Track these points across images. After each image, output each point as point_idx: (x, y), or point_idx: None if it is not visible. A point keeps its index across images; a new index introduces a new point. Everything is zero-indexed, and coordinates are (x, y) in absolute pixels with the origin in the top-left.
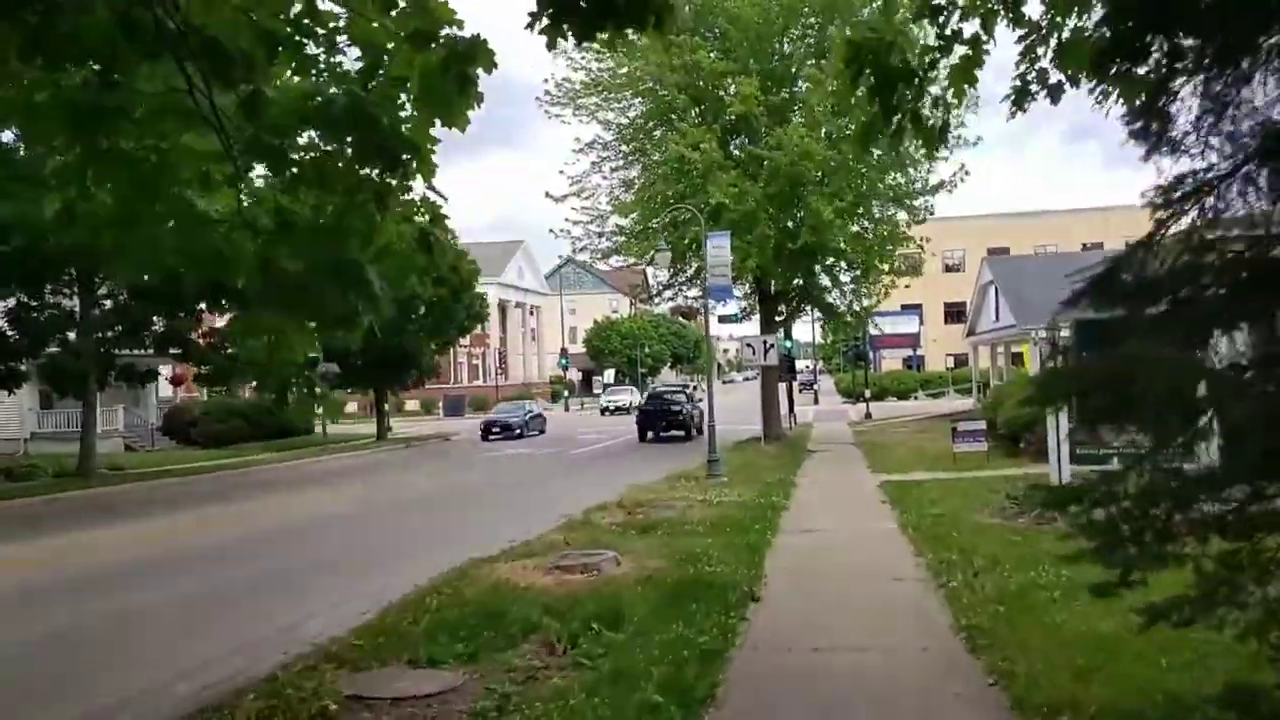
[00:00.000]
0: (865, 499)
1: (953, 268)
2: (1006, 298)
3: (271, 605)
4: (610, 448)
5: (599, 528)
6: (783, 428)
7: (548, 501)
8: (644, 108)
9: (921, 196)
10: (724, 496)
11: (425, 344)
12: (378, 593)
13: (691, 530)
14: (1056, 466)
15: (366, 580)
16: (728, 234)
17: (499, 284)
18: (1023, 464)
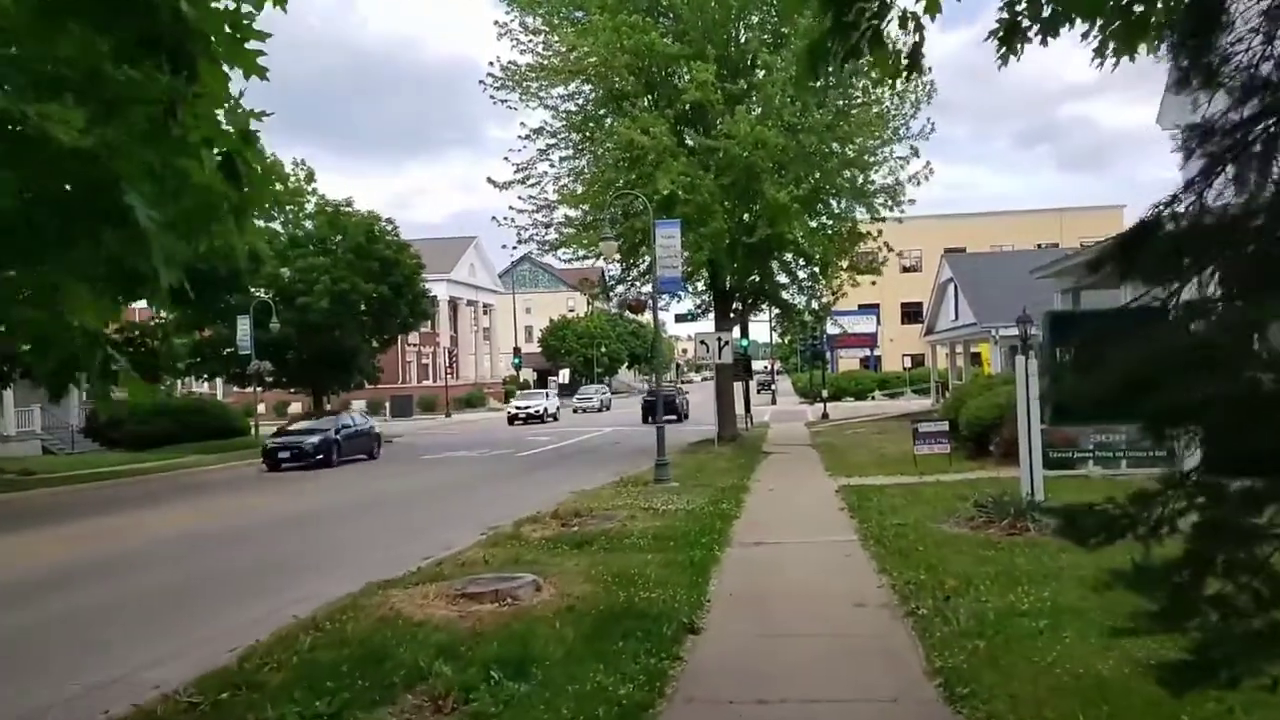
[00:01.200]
0: (823, 506)
1: (909, 268)
2: (966, 296)
3: (127, 640)
4: (562, 450)
5: (527, 542)
6: (738, 428)
7: (480, 509)
8: (594, 93)
9: (883, 194)
10: (671, 504)
11: (366, 342)
12: (252, 625)
13: (631, 545)
14: (1029, 472)
15: (246, 607)
16: (678, 223)
17: (449, 281)
18: (986, 467)
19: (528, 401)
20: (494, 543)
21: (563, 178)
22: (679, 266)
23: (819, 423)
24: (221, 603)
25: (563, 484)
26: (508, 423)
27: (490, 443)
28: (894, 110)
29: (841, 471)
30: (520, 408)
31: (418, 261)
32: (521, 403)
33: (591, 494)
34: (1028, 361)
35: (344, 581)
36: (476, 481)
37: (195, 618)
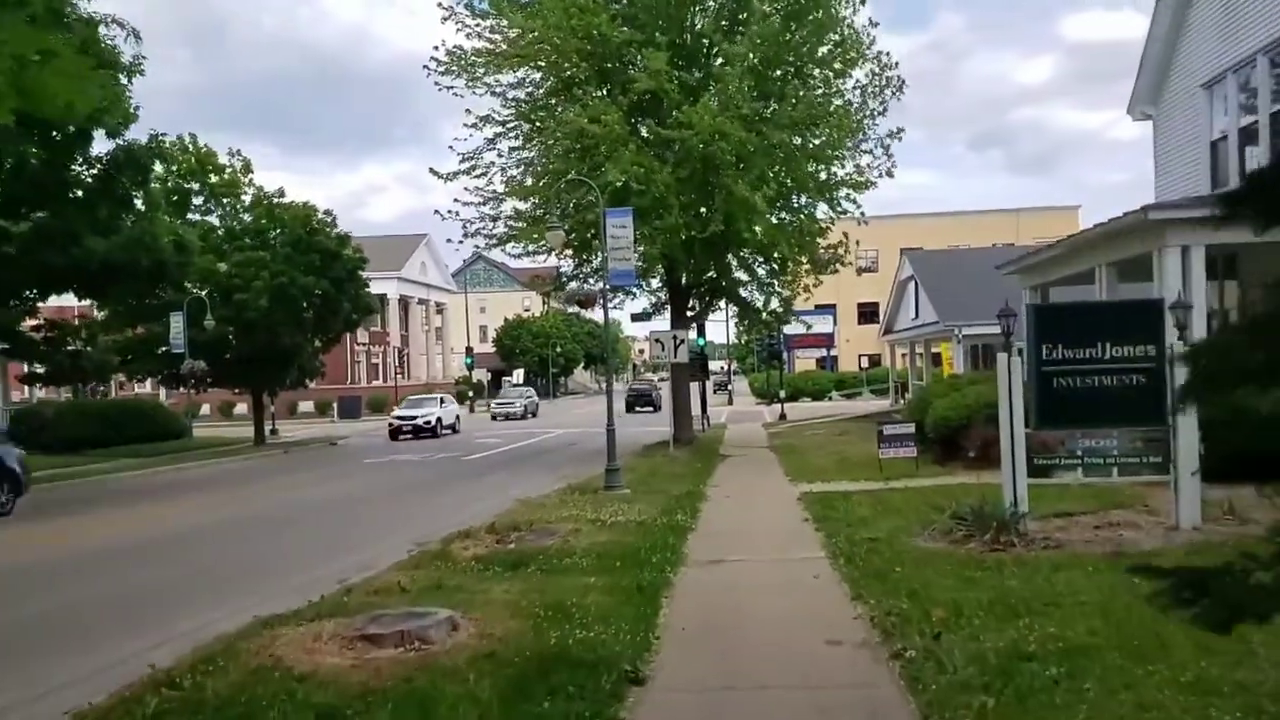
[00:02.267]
0: (785, 517)
1: (865, 269)
2: (928, 294)
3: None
4: (514, 452)
5: (455, 563)
6: (694, 431)
7: (415, 520)
8: (544, 81)
9: (846, 189)
10: (621, 515)
11: (308, 340)
12: (99, 674)
13: (572, 565)
14: (1011, 480)
15: (107, 648)
16: (629, 212)
17: (400, 279)
18: (955, 471)
19: (413, 411)
20: (417, 564)
21: (511, 169)
22: (632, 259)
23: (777, 424)
24: (82, 640)
25: (508, 490)
26: (389, 437)
27: (438, 445)
28: (858, 105)
29: (803, 476)
30: (403, 419)
31: (360, 255)
32: (406, 412)
33: (536, 503)
34: (1010, 359)
35: (240, 610)
36: (417, 488)
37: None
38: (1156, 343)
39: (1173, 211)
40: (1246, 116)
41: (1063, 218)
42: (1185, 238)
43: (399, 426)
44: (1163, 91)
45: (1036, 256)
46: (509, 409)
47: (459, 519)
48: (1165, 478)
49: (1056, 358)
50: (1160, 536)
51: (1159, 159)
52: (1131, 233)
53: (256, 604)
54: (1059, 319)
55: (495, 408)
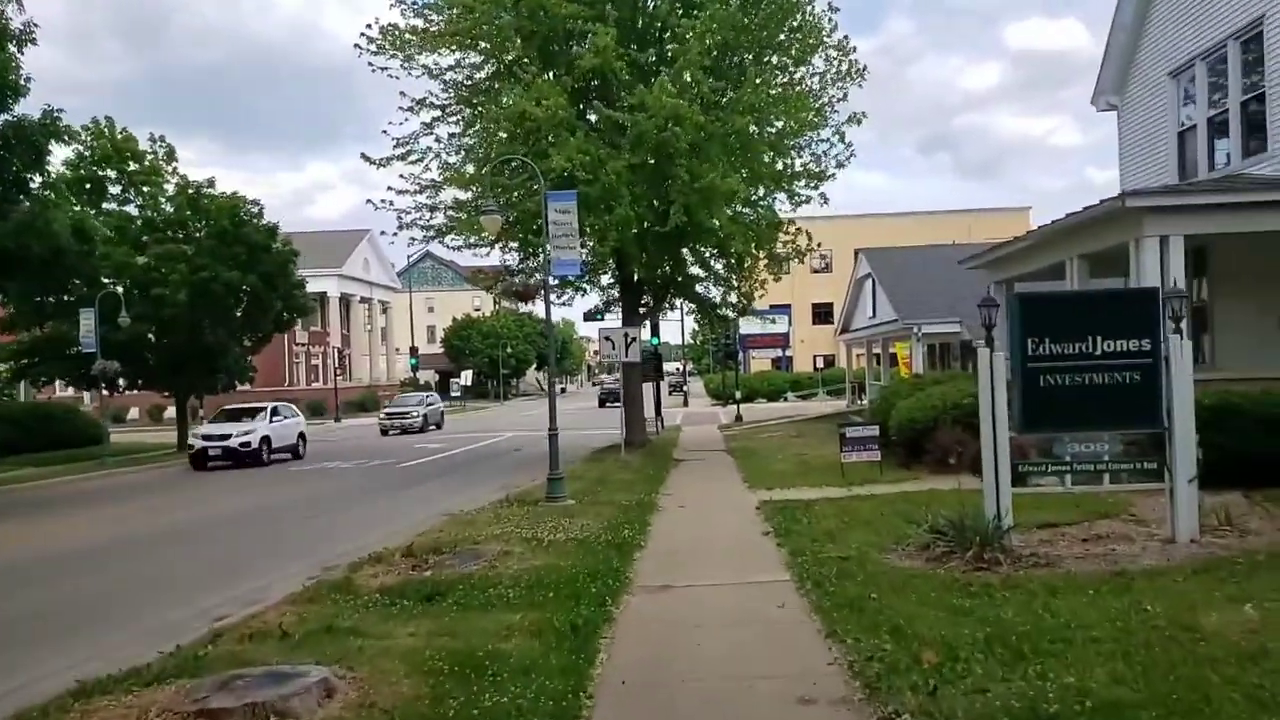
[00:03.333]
0: (744, 529)
1: (820, 269)
2: (886, 291)
3: None
4: (453, 459)
5: (358, 595)
6: (647, 433)
7: (329, 537)
8: (484, 62)
9: (804, 178)
10: (561, 531)
11: (236, 340)
12: None
13: (497, 597)
14: (994, 488)
15: None
16: (573, 196)
17: (340, 276)
18: (921, 476)
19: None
20: (312, 596)
21: (450, 155)
22: (577, 247)
23: (733, 425)
24: None
25: (440, 501)
26: (192, 465)
27: (373, 451)
28: (817, 92)
29: (761, 482)
30: (210, 438)
31: (291, 249)
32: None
33: (466, 518)
34: (993, 356)
35: (74, 664)
36: (341, 499)
37: None
38: (1151, 336)
39: (1152, 199)
40: (1216, 105)
41: (1014, 219)
42: (1164, 227)
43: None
44: (1128, 81)
45: (1004, 249)
46: (403, 420)
47: (377, 536)
48: (1161, 485)
49: (1043, 353)
50: (1158, 551)
51: (1124, 150)
52: (1107, 222)
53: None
54: (1046, 310)
55: (383, 419)
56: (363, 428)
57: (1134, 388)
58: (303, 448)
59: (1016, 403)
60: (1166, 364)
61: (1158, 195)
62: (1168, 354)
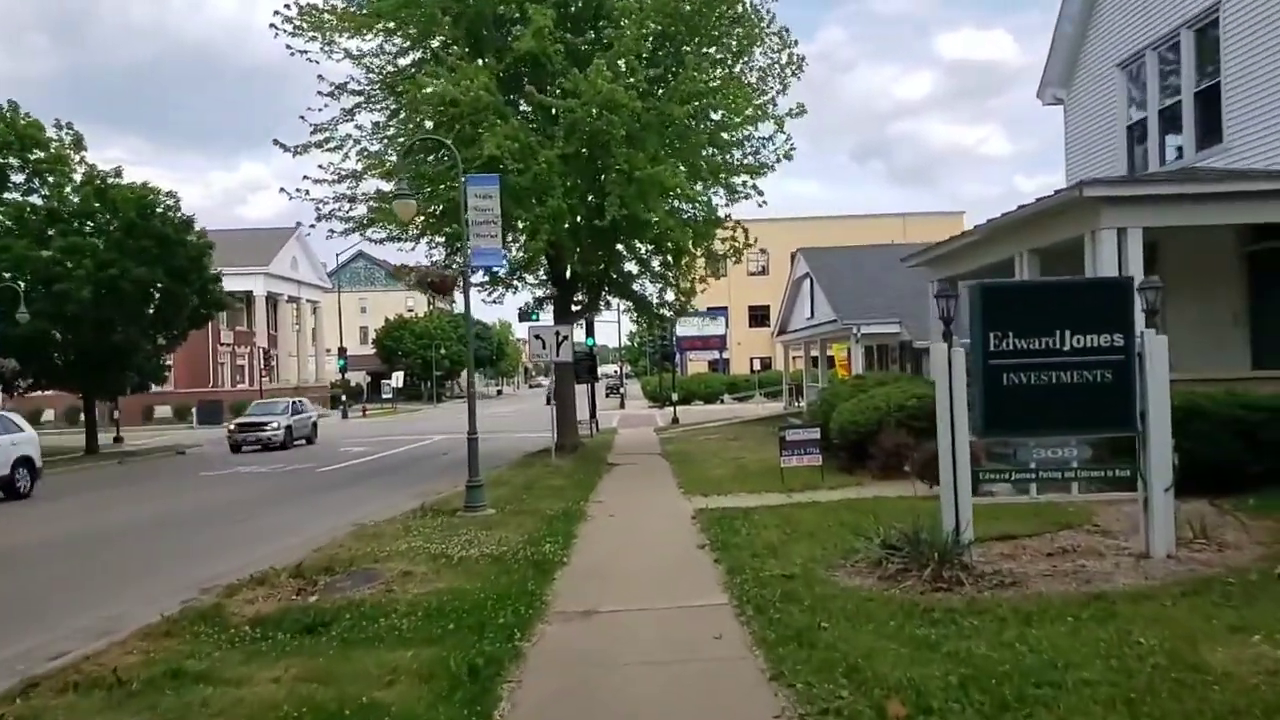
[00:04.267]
0: (678, 543)
1: (757, 271)
2: (825, 292)
3: None
4: (377, 463)
5: (224, 627)
6: (579, 437)
7: (219, 551)
8: (410, 49)
9: (744, 172)
10: (475, 546)
11: (147, 338)
12: None
13: (388, 629)
14: (953, 498)
15: None
16: (495, 180)
17: (267, 274)
18: (864, 481)
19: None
20: (170, 629)
21: (373, 144)
22: (498, 235)
23: (669, 428)
24: None
25: (353, 510)
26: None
27: (291, 456)
28: (757, 84)
29: (697, 488)
30: (245, 427)
31: (206, 242)
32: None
33: (373, 530)
34: (951, 352)
35: None
36: (246, 507)
37: None
38: (1124, 331)
39: (1110, 188)
40: (1168, 97)
41: (948, 222)
42: (1122, 218)
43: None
44: (1075, 73)
45: (948, 245)
46: (259, 434)
47: (272, 550)
48: (1133, 495)
49: (1007, 348)
50: (1134, 568)
51: (1070, 145)
52: (1061, 213)
53: None
54: (1010, 301)
55: (234, 432)
56: None
57: (1105, 387)
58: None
59: (977, 403)
60: (1140, 361)
61: (1116, 185)
62: (1142, 350)
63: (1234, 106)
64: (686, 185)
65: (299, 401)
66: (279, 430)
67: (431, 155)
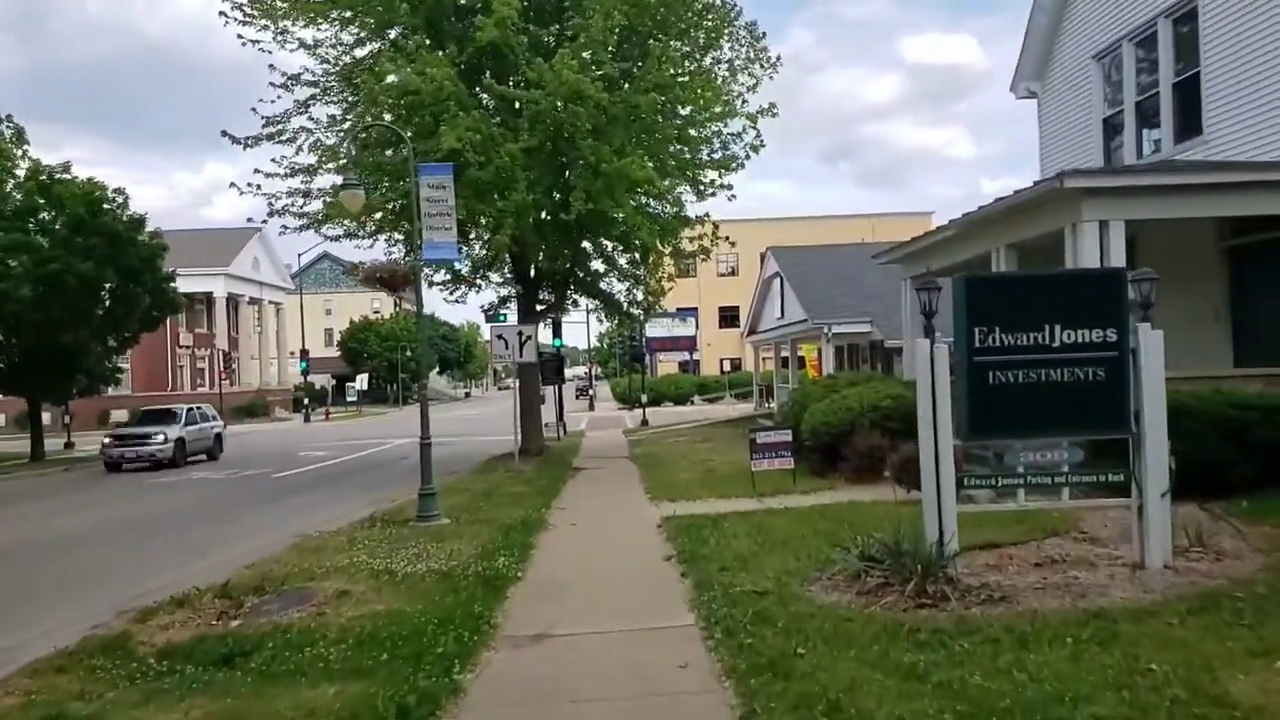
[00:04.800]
0: (643, 555)
1: (726, 272)
2: (796, 290)
3: None
4: (336, 468)
5: (129, 657)
6: (544, 440)
7: (151, 566)
8: (367, 39)
9: (713, 169)
10: (423, 560)
11: (97, 340)
12: None
13: (314, 659)
14: (936, 505)
15: None
16: (449, 169)
17: (227, 275)
18: (837, 486)
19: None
20: (64, 664)
21: (329, 138)
22: (453, 228)
23: (638, 430)
24: None
25: (301, 519)
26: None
27: (248, 459)
28: (729, 79)
29: (665, 494)
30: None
31: (159, 241)
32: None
33: (316, 542)
34: (933, 349)
35: None
36: (192, 515)
37: None
38: (1117, 325)
39: (1092, 179)
40: (1145, 89)
41: (917, 222)
42: (1104, 211)
43: None
44: (1049, 66)
45: (923, 240)
46: (143, 448)
47: (204, 566)
48: (1127, 501)
49: (993, 345)
50: (1129, 580)
51: (1045, 139)
52: (1041, 206)
53: None
54: (996, 295)
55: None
56: (249, 434)
57: (1097, 385)
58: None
59: (961, 404)
60: (1134, 357)
61: (1098, 176)
62: (1136, 345)
63: (1214, 98)
64: (655, 179)
65: (198, 409)
66: (166, 445)
67: (390, 149)
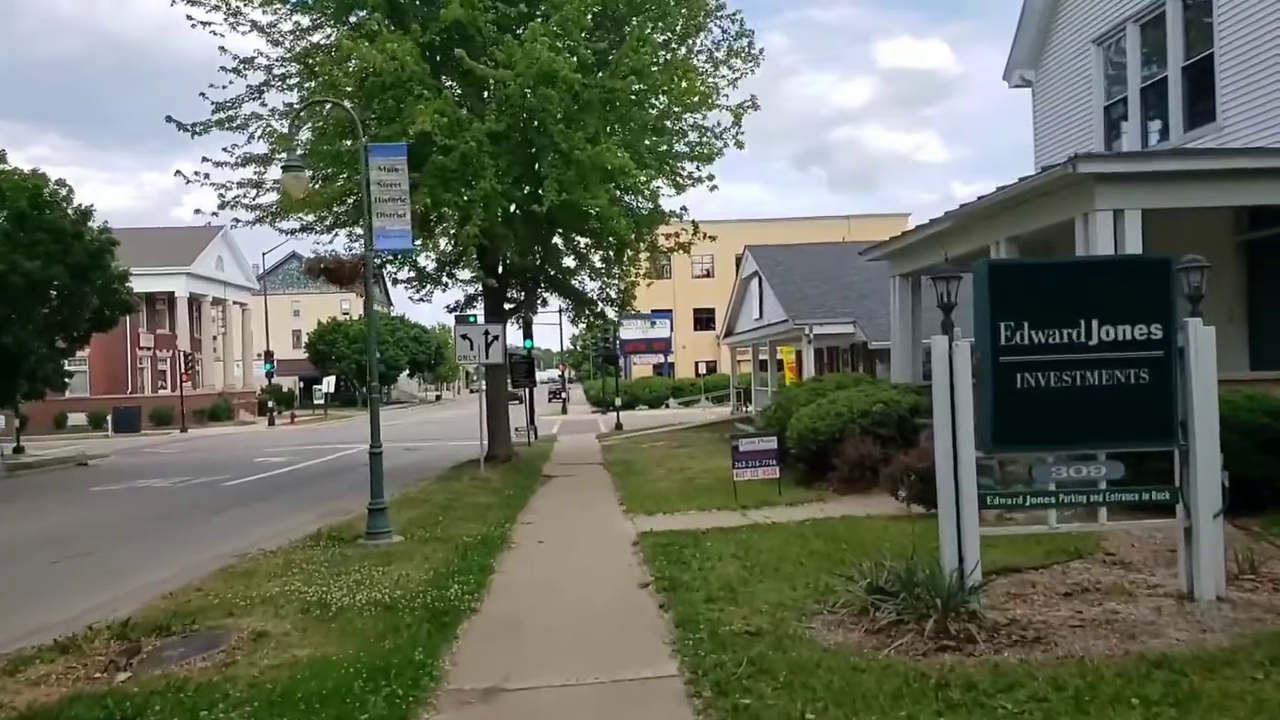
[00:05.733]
0: (617, 580)
1: (701, 274)
2: (775, 290)
3: None
4: (295, 475)
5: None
6: (512, 446)
7: (63, 590)
8: (325, 21)
9: (691, 160)
10: (365, 588)
11: (39, 341)
12: None
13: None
14: (956, 530)
15: None
16: (403, 150)
17: (190, 274)
18: (826, 497)
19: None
20: None
21: (282, 124)
22: (406, 214)
23: (612, 434)
24: None
25: (243, 534)
26: None
27: (202, 467)
28: (710, 70)
29: (641, 505)
30: None
31: (109, 237)
32: None
33: (248, 564)
34: (954, 347)
35: None
36: (126, 528)
37: None
38: (1163, 321)
39: (1107, 164)
40: (1152, 73)
41: (893, 224)
42: (1119, 199)
43: None
44: (1045, 51)
45: (914, 235)
46: None
47: (124, 593)
48: (1172, 521)
49: (1021, 343)
50: (1179, 614)
51: (1039, 129)
52: (1048, 194)
53: None
54: (1026, 283)
55: None
56: (209, 439)
57: (1140, 389)
58: None
59: (984, 411)
60: (1182, 357)
61: (1114, 160)
62: (1184, 344)
63: (1229, 82)
64: (630, 166)
65: None
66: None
67: (349, 139)
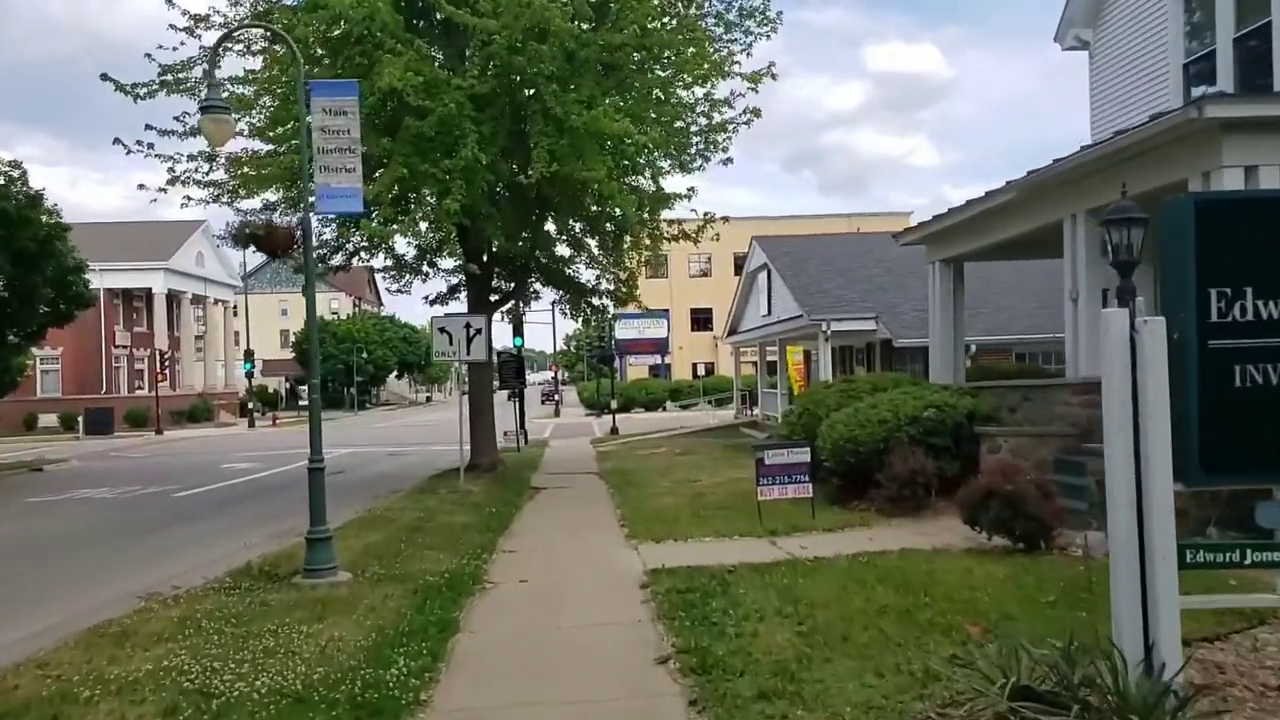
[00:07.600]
0: (623, 653)
1: (698, 274)
2: (788, 284)
3: None
4: (256, 485)
5: None
6: (498, 453)
7: None
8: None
9: (700, 137)
10: (276, 663)
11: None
12: None
13: None
14: (1139, 596)
15: None
16: (353, 86)
17: (168, 270)
18: (871, 522)
19: None
20: None
21: (240, 89)
22: (356, 168)
23: (607, 439)
24: None
25: (167, 563)
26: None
27: (161, 474)
28: (722, 38)
29: (646, 529)
30: None
31: (58, 222)
32: None
33: (136, 617)
34: (1140, 328)
35: None
36: (31, 553)
37: None
38: None
39: (1242, 106)
40: (1250, 21)
41: (897, 222)
42: (1252, 153)
43: None
44: (1106, 6)
45: (962, 212)
46: None
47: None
48: None
49: (1241, 319)
50: None
51: (1096, 95)
52: (1151, 150)
53: None
54: (1246, 228)
55: None
56: (181, 441)
57: None
58: None
59: (1187, 423)
60: None
61: (1251, 101)
62: None
63: None
64: (631, 131)
65: None
66: None
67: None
